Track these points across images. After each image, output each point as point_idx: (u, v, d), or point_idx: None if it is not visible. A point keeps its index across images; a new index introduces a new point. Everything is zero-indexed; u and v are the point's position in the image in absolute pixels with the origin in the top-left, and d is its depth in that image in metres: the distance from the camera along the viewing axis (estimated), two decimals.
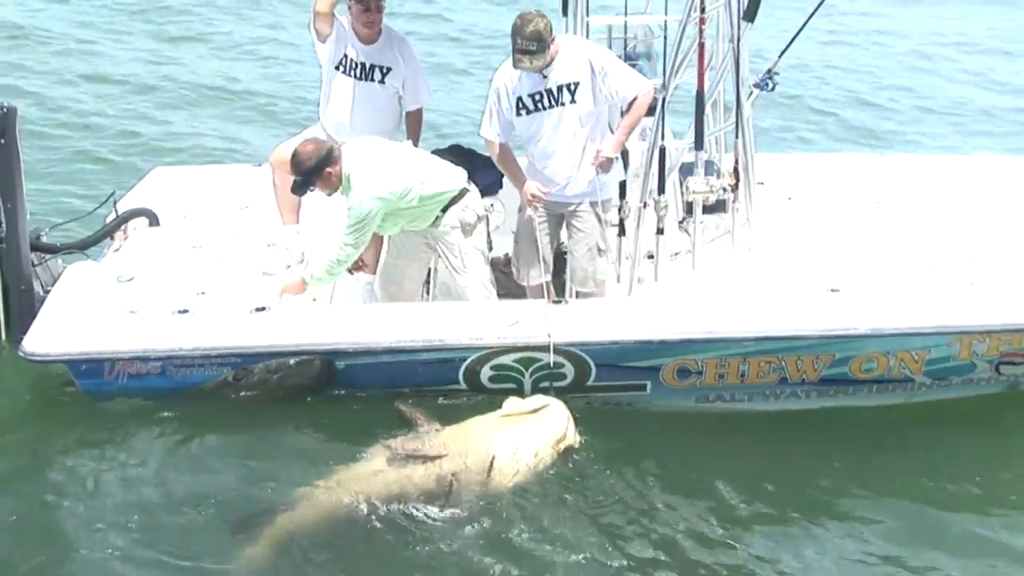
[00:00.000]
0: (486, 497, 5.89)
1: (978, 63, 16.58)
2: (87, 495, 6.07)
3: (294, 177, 6.47)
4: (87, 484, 6.14)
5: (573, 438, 6.22)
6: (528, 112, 6.69)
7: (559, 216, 6.93)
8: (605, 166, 6.67)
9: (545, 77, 6.57)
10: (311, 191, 6.60)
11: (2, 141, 6.69)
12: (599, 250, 6.96)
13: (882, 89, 15.11)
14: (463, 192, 6.72)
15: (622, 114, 6.79)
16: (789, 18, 7.67)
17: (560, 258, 7.36)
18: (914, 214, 7.74)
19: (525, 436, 6.05)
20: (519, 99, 6.67)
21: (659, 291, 7.00)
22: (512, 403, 6.30)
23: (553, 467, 6.12)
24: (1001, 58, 17.02)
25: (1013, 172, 8.46)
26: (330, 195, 6.57)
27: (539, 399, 6.29)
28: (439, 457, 5.93)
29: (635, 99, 6.63)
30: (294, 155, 6.40)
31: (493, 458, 5.92)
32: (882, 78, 15.68)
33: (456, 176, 6.75)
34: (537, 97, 6.64)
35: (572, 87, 6.59)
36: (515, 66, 6.54)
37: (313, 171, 6.36)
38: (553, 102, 6.64)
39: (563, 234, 7.27)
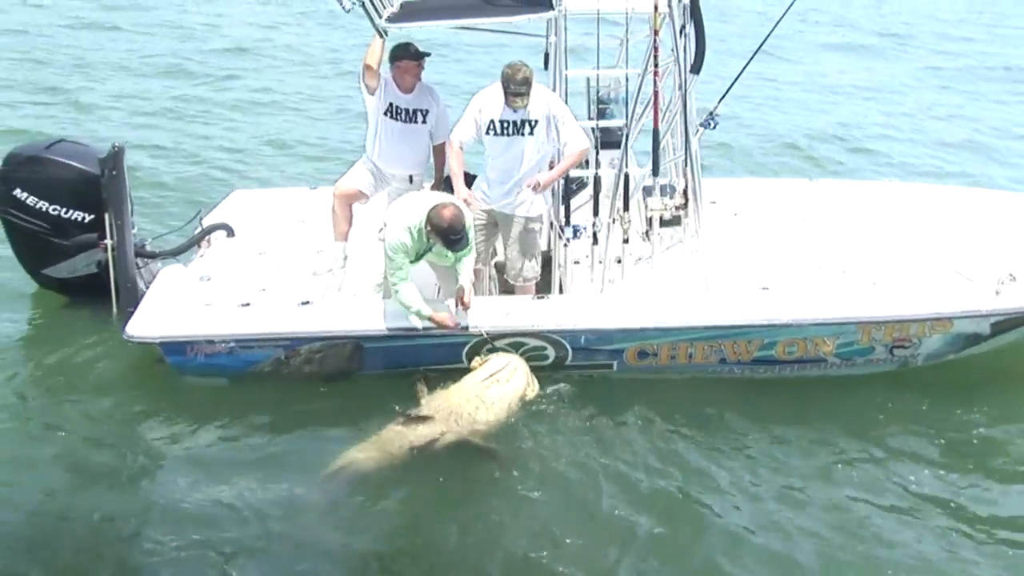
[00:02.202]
0: (474, 447, 6.19)
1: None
2: (165, 449, 6.42)
3: (456, 236, 6.29)
4: (164, 439, 6.49)
5: (534, 389, 6.51)
6: (496, 134, 6.84)
7: (495, 223, 7.10)
8: (536, 191, 6.85)
9: (515, 111, 6.76)
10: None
11: (114, 173, 6.95)
12: (521, 252, 7.08)
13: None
14: None
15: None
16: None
17: (545, 260, 7.47)
18: (833, 227, 7.90)
19: (498, 396, 6.35)
20: (491, 121, 6.82)
21: (625, 289, 7.15)
22: (480, 364, 6.55)
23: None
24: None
25: (909, 194, 8.60)
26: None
27: (501, 359, 6.53)
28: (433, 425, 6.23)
29: (577, 152, 6.83)
30: (454, 221, 6.25)
31: (478, 418, 6.26)
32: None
33: None
34: (506, 124, 6.81)
35: (533, 123, 6.79)
36: (510, 106, 6.71)
37: (466, 226, 6.38)
38: (516, 131, 6.82)
39: (546, 242, 7.50)
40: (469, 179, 7.11)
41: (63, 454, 6.34)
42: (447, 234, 6.28)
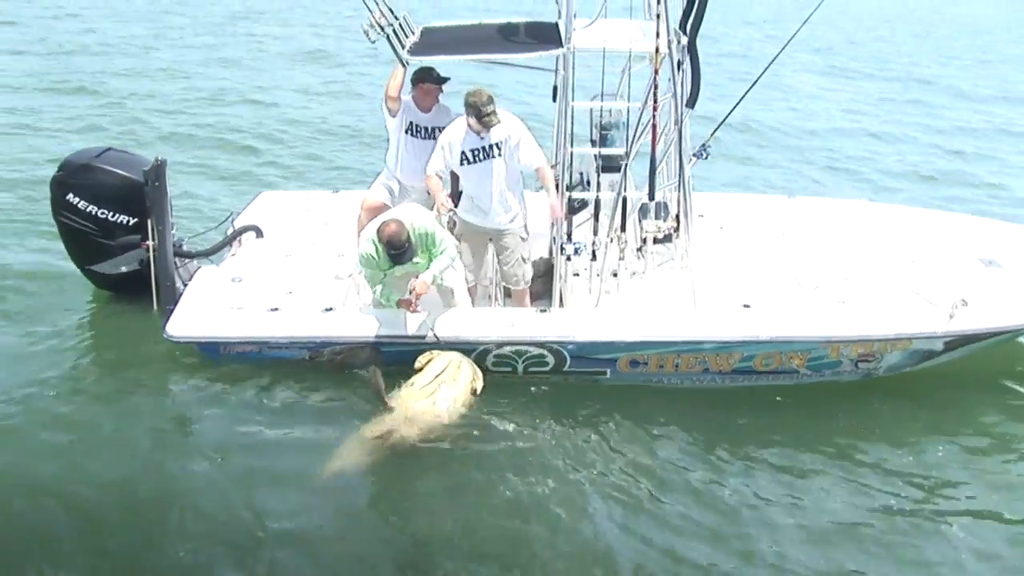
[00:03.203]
0: (440, 446, 6.30)
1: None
2: (195, 427, 6.64)
3: (395, 252, 6.50)
4: (196, 421, 6.70)
5: (480, 381, 6.60)
6: (469, 163, 6.96)
7: (488, 238, 7.24)
8: (561, 217, 7.06)
9: (483, 139, 6.89)
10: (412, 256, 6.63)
11: (157, 183, 7.18)
12: (522, 259, 7.27)
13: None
14: None
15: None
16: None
17: (547, 268, 7.65)
18: (809, 243, 8.10)
19: (451, 394, 6.45)
20: (463, 152, 6.94)
21: (621, 302, 7.33)
22: (424, 364, 6.55)
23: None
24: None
25: (879, 214, 8.80)
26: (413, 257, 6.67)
27: (443, 359, 6.58)
28: (393, 431, 6.29)
29: (539, 168, 6.96)
30: (392, 238, 6.44)
31: (433, 420, 6.37)
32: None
33: None
34: (477, 152, 6.92)
35: (500, 145, 6.91)
36: (488, 128, 6.80)
37: (408, 240, 6.51)
38: (487, 156, 6.94)
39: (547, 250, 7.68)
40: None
41: (96, 435, 6.51)
42: (387, 249, 6.54)
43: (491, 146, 6.95)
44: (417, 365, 6.63)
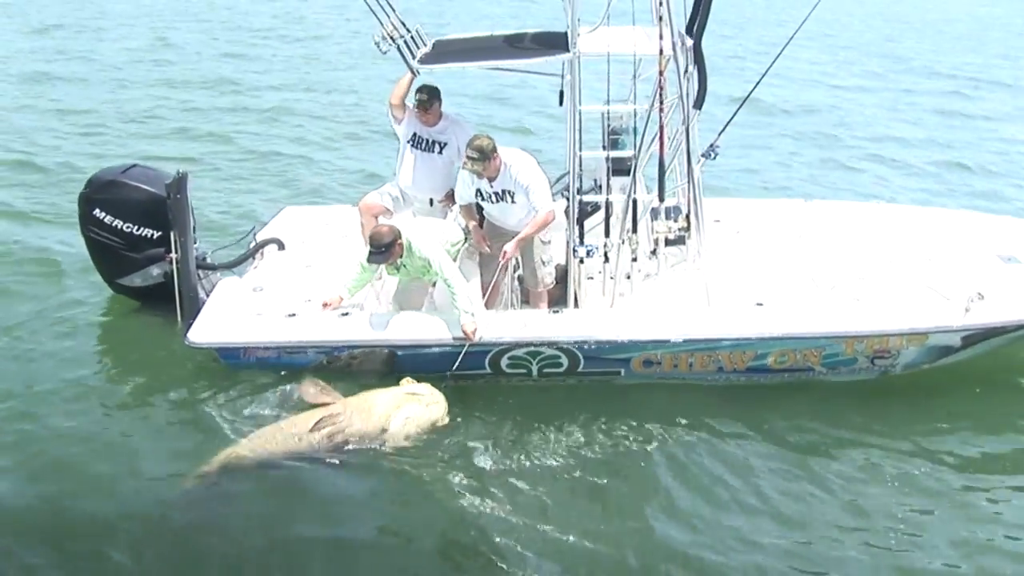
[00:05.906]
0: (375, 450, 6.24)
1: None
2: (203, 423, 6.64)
3: (373, 250, 6.77)
4: (214, 432, 6.58)
5: (444, 422, 6.46)
6: (485, 200, 7.20)
7: (506, 239, 7.22)
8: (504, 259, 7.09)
9: (492, 184, 7.06)
10: (388, 261, 6.88)
11: (178, 196, 7.25)
12: (542, 261, 7.35)
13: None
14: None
15: None
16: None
17: (563, 274, 7.57)
18: (825, 245, 7.98)
19: (414, 413, 6.35)
20: (479, 190, 7.17)
21: (634, 303, 7.26)
22: (409, 386, 6.51)
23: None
24: None
25: (893, 215, 8.68)
26: (392, 264, 6.91)
27: (429, 388, 6.49)
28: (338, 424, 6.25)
29: (538, 212, 7.02)
30: (374, 234, 6.76)
31: (384, 428, 6.29)
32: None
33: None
34: (490, 194, 7.14)
35: (511, 194, 7.05)
36: (462, 166, 7.03)
37: (390, 244, 6.74)
38: (499, 199, 7.15)
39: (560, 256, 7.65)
40: None
41: (114, 443, 6.55)
42: (368, 242, 6.82)
43: (501, 192, 7.10)
44: (402, 383, 6.56)
